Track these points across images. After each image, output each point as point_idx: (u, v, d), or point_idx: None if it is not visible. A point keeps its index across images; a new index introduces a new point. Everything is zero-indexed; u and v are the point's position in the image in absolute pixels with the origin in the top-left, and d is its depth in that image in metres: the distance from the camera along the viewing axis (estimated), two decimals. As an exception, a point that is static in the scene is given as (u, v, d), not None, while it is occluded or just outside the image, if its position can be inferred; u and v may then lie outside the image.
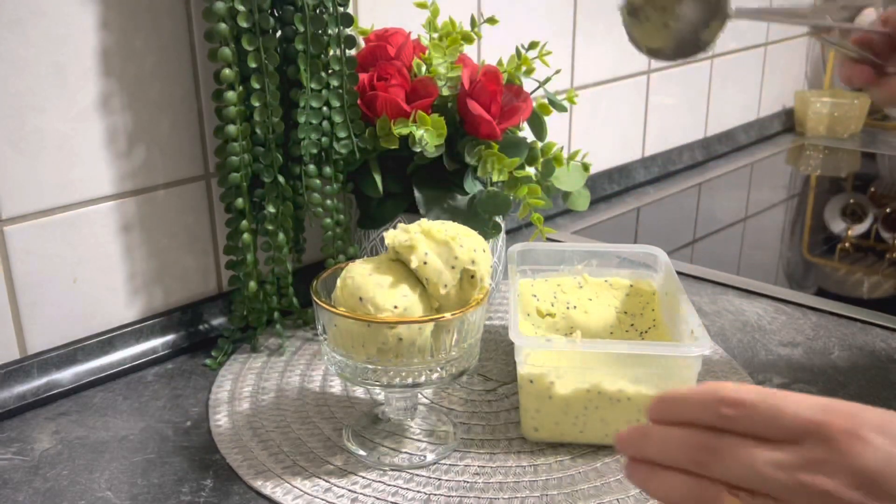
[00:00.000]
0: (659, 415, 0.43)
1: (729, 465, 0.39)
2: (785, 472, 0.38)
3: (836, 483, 0.37)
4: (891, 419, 0.38)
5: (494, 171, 0.74)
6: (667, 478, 0.42)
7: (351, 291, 0.58)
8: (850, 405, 0.39)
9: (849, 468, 0.37)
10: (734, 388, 0.40)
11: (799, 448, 0.38)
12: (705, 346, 0.61)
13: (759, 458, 0.39)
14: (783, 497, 0.38)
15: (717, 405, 0.40)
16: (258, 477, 0.59)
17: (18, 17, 0.64)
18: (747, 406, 0.40)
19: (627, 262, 0.78)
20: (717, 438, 0.40)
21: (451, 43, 0.77)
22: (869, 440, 0.37)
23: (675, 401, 0.42)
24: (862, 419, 0.38)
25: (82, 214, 0.70)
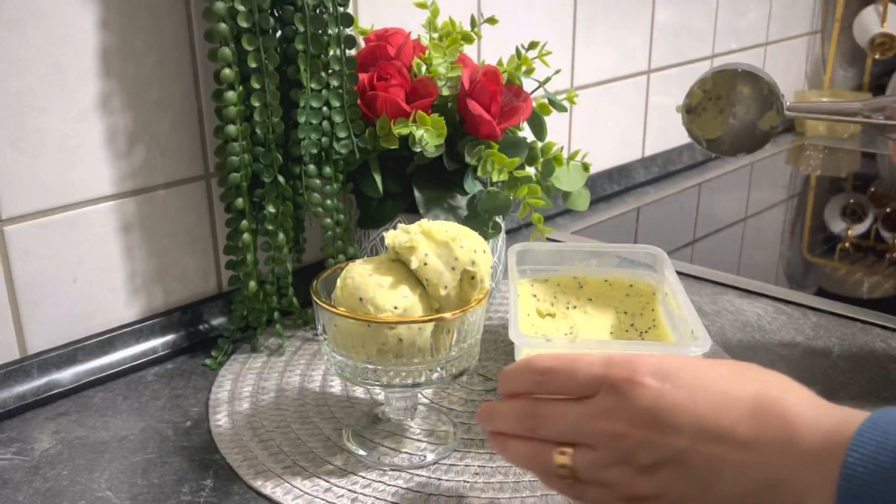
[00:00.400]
0: (500, 389, 0.50)
1: (549, 425, 0.46)
2: (588, 422, 0.44)
3: (624, 424, 0.43)
4: (662, 363, 0.43)
5: (494, 171, 0.74)
6: (513, 445, 0.48)
7: (351, 292, 0.58)
8: (630, 356, 0.45)
9: (631, 409, 0.43)
10: (542, 357, 0.47)
11: (594, 400, 0.45)
12: (705, 345, 0.61)
13: (569, 414, 0.45)
14: (594, 444, 0.44)
15: (531, 375, 0.47)
16: (258, 477, 0.59)
17: (18, 17, 0.64)
18: (551, 372, 0.46)
19: (627, 262, 0.78)
20: (537, 405, 0.47)
21: (451, 43, 0.77)
22: (643, 383, 0.43)
23: (505, 375, 0.49)
24: (637, 366, 0.43)
25: (82, 214, 0.70)
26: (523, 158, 0.79)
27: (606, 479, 0.44)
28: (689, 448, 0.41)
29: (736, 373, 0.43)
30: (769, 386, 0.42)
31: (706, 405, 0.42)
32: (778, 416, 0.40)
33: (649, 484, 0.43)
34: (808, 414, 0.40)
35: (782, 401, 0.41)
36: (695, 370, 0.43)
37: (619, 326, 0.75)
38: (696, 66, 1.35)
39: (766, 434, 0.40)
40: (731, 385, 0.42)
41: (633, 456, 0.43)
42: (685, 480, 0.42)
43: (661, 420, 0.42)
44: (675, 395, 0.42)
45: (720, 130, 0.74)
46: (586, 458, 0.45)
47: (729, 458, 0.41)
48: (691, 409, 0.42)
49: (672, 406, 0.42)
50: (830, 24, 1.66)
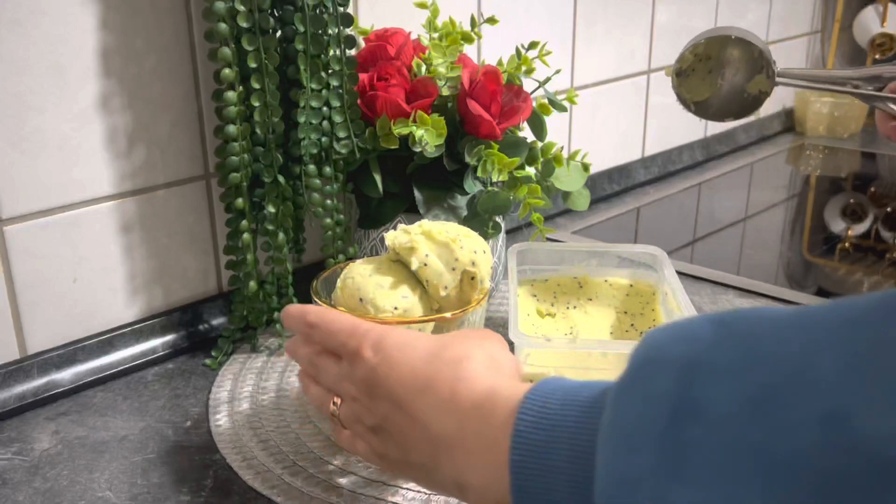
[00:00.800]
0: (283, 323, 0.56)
1: (322, 376, 0.53)
2: (338, 381, 0.51)
3: (353, 389, 0.49)
4: (384, 337, 0.49)
5: (494, 171, 0.74)
6: (310, 387, 0.54)
7: (351, 292, 0.58)
8: (369, 326, 0.50)
9: (354, 378, 0.49)
10: (311, 311, 0.53)
11: (341, 362, 0.51)
12: None
13: (331, 371, 0.52)
14: (346, 401, 0.51)
15: (303, 325, 0.53)
16: (258, 477, 0.59)
17: (18, 17, 0.64)
18: (315, 327, 0.52)
19: (627, 262, 0.78)
20: (316, 356, 0.53)
21: (451, 43, 0.77)
22: (363, 356, 0.49)
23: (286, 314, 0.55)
24: (366, 339, 0.49)
25: (82, 214, 0.70)
26: (523, 158, 0.79)
27: (357, 431, 0.51)
28: (389, 416, 0.47)
29: (433, 351, 0.47)
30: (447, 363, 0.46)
31: (400, 381, 0.47)
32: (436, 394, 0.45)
33: (377, 442, 0.49)
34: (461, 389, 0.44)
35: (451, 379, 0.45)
36: (406, 348, 0.48)
37: (619, 326, 0.75)
38: (696, 66, 1.35)
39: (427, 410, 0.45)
40: (422, 363, 0.47)
41: (362, 416, 0.49)
42: (391, 443, 0.48)
43: (371, 389, 0.48)
44: (381, 369, 0.48)
45: (708, 92, 0.73)
46: (345, 410, 0.51)
47: (411, 430, 0.46)
48: (390, 384, 0.47)
49: (376, 378, 0.48)
50: (830, 24, 1.66)
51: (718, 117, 0.75)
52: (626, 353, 0.58)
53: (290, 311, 0.55)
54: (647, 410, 0.32)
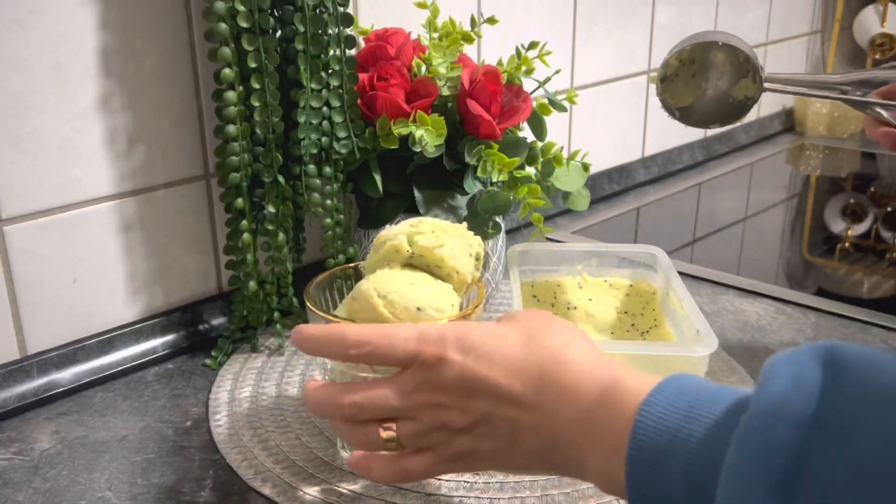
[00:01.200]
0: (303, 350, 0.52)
1: (365, 407, 0.49)
2: (405, 399, 0.49)
3: (437, 395, 0.48)
4: (465, 336, 0.48)
5: (494, 171, 0.74)
6: (341, 427, 0.51)
7: (404, 306, 0.56)
8: (440, 330, 0.49)
9: (441, 382, 0.48)
10: (356, 329, 0.50)
11: (407, 375, 0.49)
12: (712, 345, 0.61)
13: (383, 394, 0.49)
14: (414, 414, 0.49)
15: (344, 347, 0.49)
16: (258, 477, 0.59)
17: (18, 17, 0.64)
18: (369, 345, 0.49)
19: (627, 262, 0.78)
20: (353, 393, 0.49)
21: (451, 43, 0.77)
22: (449, 359, 0.47)
23: (309, 340, 0.51)
24: (446, 342, 0.48)
25: (82, 214, 0.70)
26: (523, 158, 0.79)
27: (429, 443, 0.49)
28: (493, 412, 0.47)
29: (528, 339, 0.48)
30: (554, 351, 0.47)
31: (503, 374, 0.47)
32: (554, 381, 0.46)
33: (466, 442, 0.48)
34: (580, 373, 0.45)
35: (563, 363, 0.46)
36: (493, 341, 0.48)
37: (619, 326, 0.75)
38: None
39: (546, 396, 0.46)
40: (523, 353, 0.47)
41: (448, 421, 0.48)
42: (494, 438, 0.47)
43: (466, 389, 0.47)
44: (476, 367, 0.47)
45: (692, 97, 0.71)
46: (409, 428, 0.49)
47: (523, 419, 0.46)
48: (491, 379, 0.47)
49: (474, 377, 0.47)
50: (830, 24, 1.66)
51: (703, 124, 0.73)
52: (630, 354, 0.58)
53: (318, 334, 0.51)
54: (764, 462, 0.34)
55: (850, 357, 0.36)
